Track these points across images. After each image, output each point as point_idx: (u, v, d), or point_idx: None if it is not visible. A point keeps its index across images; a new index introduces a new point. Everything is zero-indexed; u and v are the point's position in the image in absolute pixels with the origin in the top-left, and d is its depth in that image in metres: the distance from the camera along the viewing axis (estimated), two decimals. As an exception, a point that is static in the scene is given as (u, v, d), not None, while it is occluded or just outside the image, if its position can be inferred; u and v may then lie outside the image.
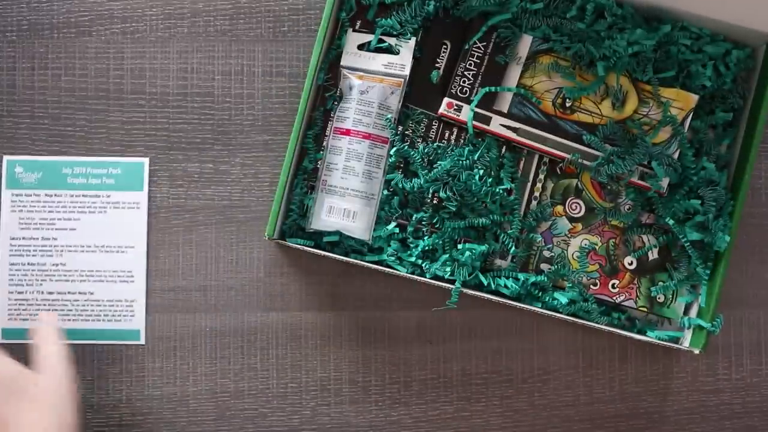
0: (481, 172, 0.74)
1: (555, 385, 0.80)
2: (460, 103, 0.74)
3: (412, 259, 0.75)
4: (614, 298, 0.76)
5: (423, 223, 0.75)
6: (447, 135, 0.76)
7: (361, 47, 0.76)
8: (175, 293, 0.79)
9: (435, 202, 0.75)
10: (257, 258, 0.79)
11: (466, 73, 0.75)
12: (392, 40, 0.76)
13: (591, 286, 0.76)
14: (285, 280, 0.79)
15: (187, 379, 0.78)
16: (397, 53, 0.75)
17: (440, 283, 0.74)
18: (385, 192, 0.75)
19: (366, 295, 0.80)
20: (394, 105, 0.75)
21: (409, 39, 0.75)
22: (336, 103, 0.76)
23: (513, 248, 0.75)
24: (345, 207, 0.74)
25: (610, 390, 0.80)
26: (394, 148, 0.75)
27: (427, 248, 0.75)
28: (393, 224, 0.75)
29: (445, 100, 0.75)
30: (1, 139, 0.79)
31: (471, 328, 0.80)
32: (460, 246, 0.74)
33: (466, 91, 0.75)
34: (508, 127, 0.74)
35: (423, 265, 0.75)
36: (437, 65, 0.76)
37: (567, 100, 0.75)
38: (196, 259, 0.79)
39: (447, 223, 0.74)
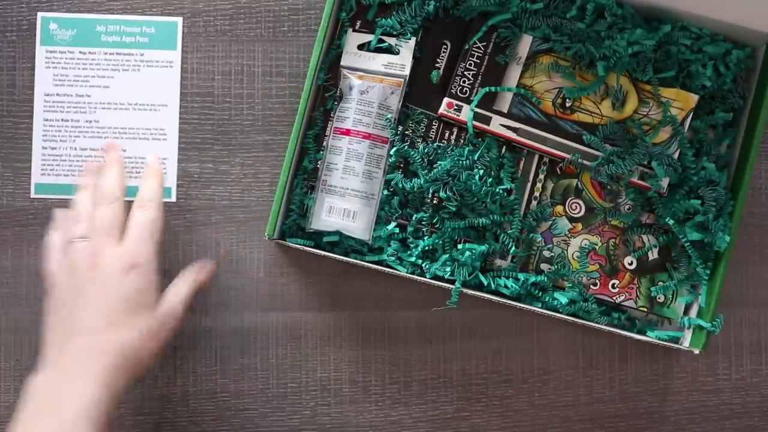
0: (481, 172, 0.74)
1: (555, 385, 0.80)
2: (460, 103, 0.74)
3: (412, 259, 0.75)
4: (614, 298, 0.76)
5: (423, 223, 0.75)
6: (447, 135, 0.76)
7: (361, 47, 0.76)
8: (175, 293, 0.79)
9: (435, 202, 0.75)
10: (257, 258, 0.79)
11: (466, 73, 0.75)
12: (392, 40, 0.76)
13: (591, 286, 0.76)
14: (285, 280, 0.79)
15: (187, 379, 0.78)
16: (397, 53, 0.75)
17: (440, 283, 0.74)
18: (385, 192, 0.75)
19: (366, 295, 0.79)
20: (394, 105, 0.75)
21: (409, 39, 0.75)
22: (336, 103, 0.76)
23: (513, 248, 0.75)
24: (345, 207, 0.74)
25: (610, 390, 0.80)
26: (394, 148, 0.75)
27: (427, 248, 0.75)
28: (393, 224, 0.75)
29: (445, 100, 0.74)
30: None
31: (471, 328, 0.80)
32: (460, 246, 0.74)
33: (466, 91, 0.75)
34: (508, 127, 0.74)
35: (423, 265, 0.74)
36: (437, 65, 0.76)
37: (567, 100, 0.75)
38: (196, 259, 0.79)
39: (447, 223, 0.74)
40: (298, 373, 0.79)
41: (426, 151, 0.75)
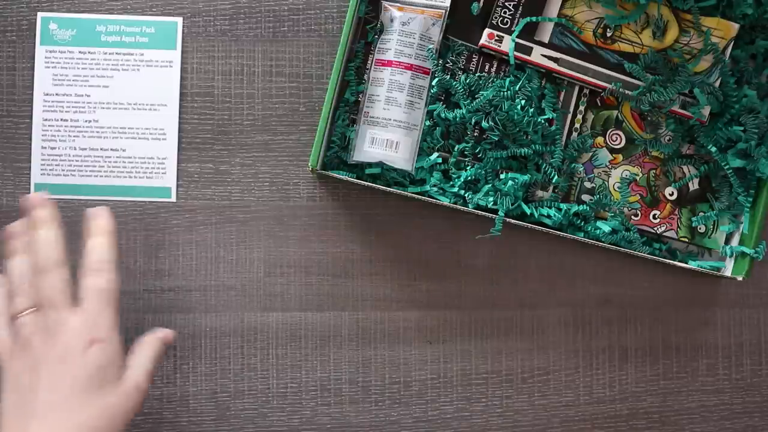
0: (523, 102, 0.74)
1: (555, 385, 0.80)
2: (501, 34, 0.74)
3: (455, 189, 0.74)
4: (655, 228, 0.76)
5: (465, 153, 0.75)
6: (487, 68, 0.76)
7: (401, -21, 0.76)
8: (175, 293, 0.78)
9: (477, 133, 0.75)
10: (257, 258, 0.79)
11: (506, 3, 0.75)
12: (433, -28, 0.76)
13: (632, 217, 0.76)
14: (285, 280, 0.79)
15: (187, 379, 0.77)
16: (438, -15, 0.75)
17: (483, 213, 0.73)
18: (427, 123, 0.75)
19: (366, 295, 0.79)
20: (436, 36, 0.75)
21: (450, -30, 0.75)
22: (377, 35, 0.76)
23: (555, 177, 0.74)
24: (388, 137, 0.73)
25: (610, 390, 0.80)
26: (436, 79, 0.75)
27: (469, 179, 0.74)
28: (436, 154, 0.75)
29: (486, 30, 0.75)
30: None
31: (471, 328, 0.80)
32: (502, 176, 0.74)
33: (507, 21, 0.75)
34: (549, 58, 0.74)
35: (466, 195, 0.74)
36: (477, -3, 0.76)
37: (608, 29, 0.75)
38: (196, 259, 0.78)
39: (489, 153, 0.74)
40: (298, 373, 0.79)
41: (468, 81, 0.75)
